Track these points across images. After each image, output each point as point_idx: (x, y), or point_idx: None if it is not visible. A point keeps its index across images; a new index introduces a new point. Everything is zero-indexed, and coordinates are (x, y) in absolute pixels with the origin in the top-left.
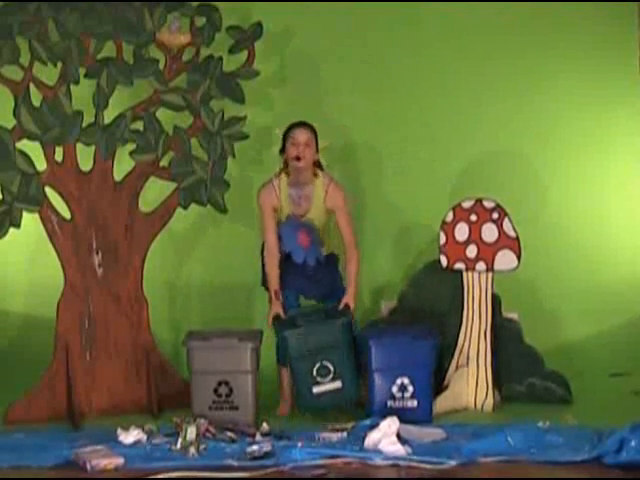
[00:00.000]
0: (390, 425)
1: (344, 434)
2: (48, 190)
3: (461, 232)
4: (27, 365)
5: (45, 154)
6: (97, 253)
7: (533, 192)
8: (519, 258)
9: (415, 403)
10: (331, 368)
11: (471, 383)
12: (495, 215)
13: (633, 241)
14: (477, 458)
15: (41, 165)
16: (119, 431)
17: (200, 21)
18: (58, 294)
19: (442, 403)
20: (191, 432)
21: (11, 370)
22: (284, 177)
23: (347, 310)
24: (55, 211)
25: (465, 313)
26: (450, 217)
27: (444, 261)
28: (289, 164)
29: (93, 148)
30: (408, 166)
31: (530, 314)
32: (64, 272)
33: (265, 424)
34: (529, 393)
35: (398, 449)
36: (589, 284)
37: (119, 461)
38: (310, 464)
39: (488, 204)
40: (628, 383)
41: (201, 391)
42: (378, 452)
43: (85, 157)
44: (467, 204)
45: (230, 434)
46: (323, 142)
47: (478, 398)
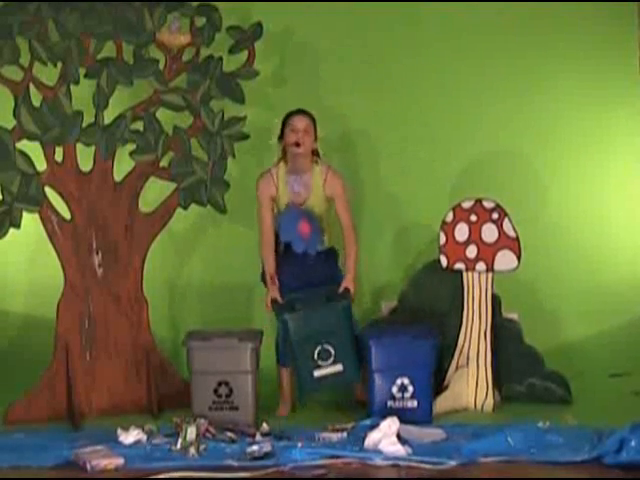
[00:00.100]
0: (390, 425)
1: (344, 434)
2: (48, 190)
3: (461, 232)
4: (27, 365)
5: (45, 154)
6: (97, 253)
7: (533, 192)
8: (519, 258)
9: (415, 403)
10: (332, 351)
11: (471, 383)
12: (495, 215)
13: (633, 241)
14: (477, 458)
15: (41, 165)
16: (119, 431)
17: (200, 21)
18: (58, 294)
19: (442, 403)
20: (191, 432)
21: (11, 370)
22: (282, 165)
23: (347, 294)
24: (55, 211)
25: (465, 313)
26: (450, 217)
27: (444, 261)
28: (287, 151)
29: (93, 148)
30: (408, 166)
31: (530, 314)
32: (64, 272)
33: (265, 424)
34: (529, 393)
35: (398, 449)
36: (589, 284)
37: (119, 461)
38: (310, 464)
39: (488, 204)
40: (628, 383)
41: (201, 391)
42: (378, 452)
43: (85, 157)
44: (467, 204)
45: (230, 434)
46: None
47: (478, 398)
